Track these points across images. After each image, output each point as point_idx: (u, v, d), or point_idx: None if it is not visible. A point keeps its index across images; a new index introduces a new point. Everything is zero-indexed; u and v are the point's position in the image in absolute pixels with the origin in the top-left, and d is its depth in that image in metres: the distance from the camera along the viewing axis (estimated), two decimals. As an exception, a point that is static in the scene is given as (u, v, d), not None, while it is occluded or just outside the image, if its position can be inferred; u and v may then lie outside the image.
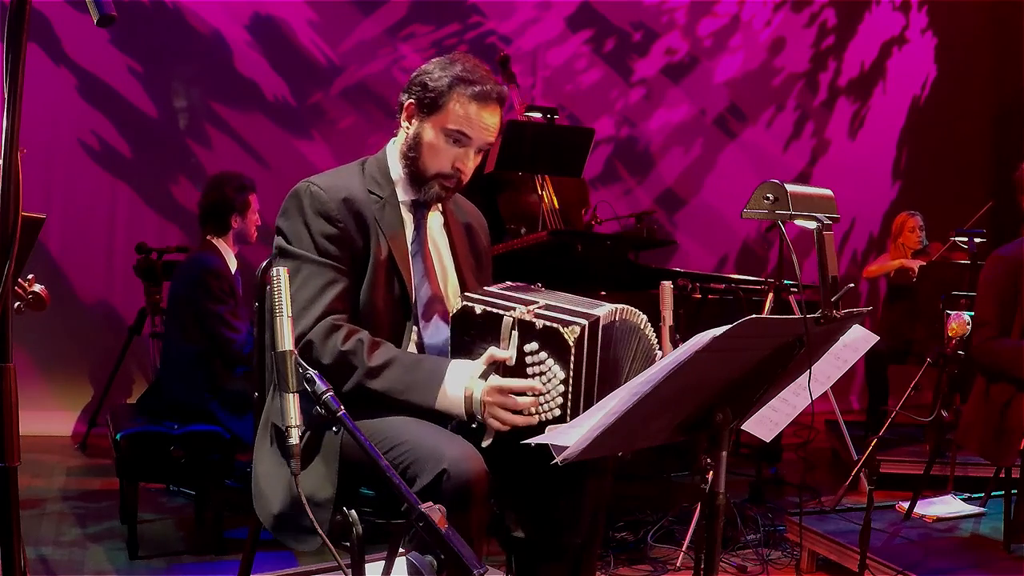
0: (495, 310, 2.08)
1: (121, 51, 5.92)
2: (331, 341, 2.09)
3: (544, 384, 2.03)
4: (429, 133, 2.24)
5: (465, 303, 2.12)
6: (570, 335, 2.00)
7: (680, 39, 7.35)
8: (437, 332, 2.25)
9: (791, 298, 4.26)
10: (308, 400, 1.79)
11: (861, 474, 3.89)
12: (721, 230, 7.35)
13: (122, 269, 5.79)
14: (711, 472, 1.84)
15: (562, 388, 2.02)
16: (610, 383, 2.12)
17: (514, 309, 2.06)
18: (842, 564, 3.39)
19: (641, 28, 7.24)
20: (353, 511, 2.04)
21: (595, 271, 4.19)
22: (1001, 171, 6.88)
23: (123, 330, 5.54)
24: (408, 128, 2.28)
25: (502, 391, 2.02)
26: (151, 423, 3.72)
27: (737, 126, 7.54)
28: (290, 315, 1.81)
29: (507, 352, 2.04)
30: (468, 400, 2.05)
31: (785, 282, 4.21)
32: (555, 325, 2.02)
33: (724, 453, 1.83)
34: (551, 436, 1.83)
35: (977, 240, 4.63)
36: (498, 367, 2.05)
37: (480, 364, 2.06)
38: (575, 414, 2.02)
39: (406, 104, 2.28)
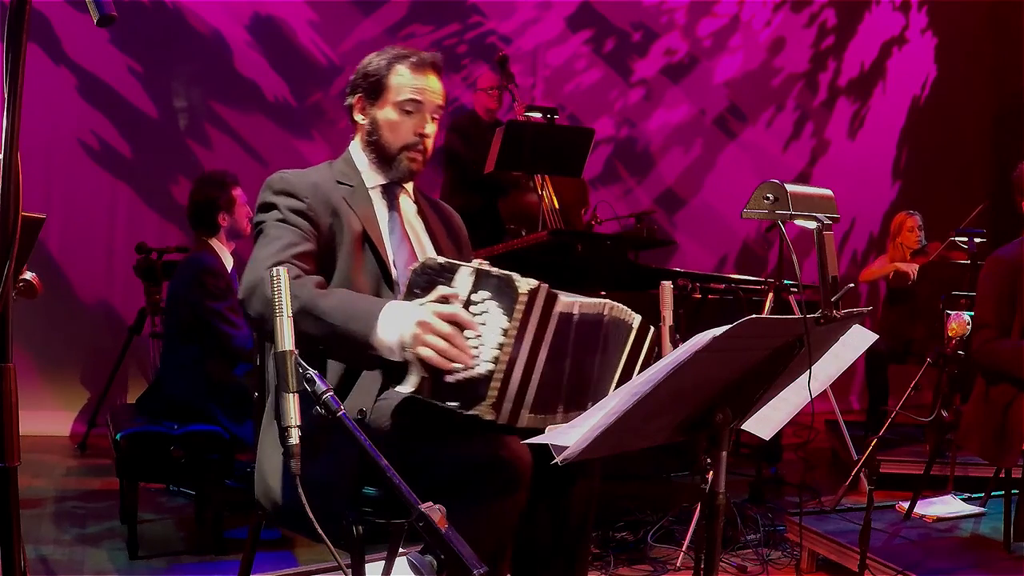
0: (456, 261, 2.00)
1: (121, 51, 5.92)
2: (278, 269, 2.05)
3: (483, 333, 1.90)
4: (382, 114, 2.32)
5: (428, 256, 2.08)
6: (524, 284, 1.89)
7: (680, 39, 7.35)
8: None
9: (791, 298, 4.26)
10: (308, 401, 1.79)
11: (861, 474, 3.89)
12: (721, 230, 7.35)
13: (122, 269, 5.79)
14: (711, 472, 1.84)
15: (500, 339, 1.89)
16: (571, 385, 2.05)
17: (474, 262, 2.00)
18: (842, 564, 3.39)
19: (641, 28, 7.24)
20: (353, 511, 2.04)
21: (595, 271, 4.20)
22: (1001, 171, 6.88)
23: (123, 330, 5.54)
24: (363, 120, 2.36)
25: (441, 315, 1.90)
26: (151, 423, 3.72)
27: (737, 126, 7.55)
28: (290, 315, 1.80)
29: (453, 289, 1.94)
30: (401, 326, 1.94)
31: (785, 282, 4.21)
32: (511, 274, 1.92)
33: (724, 453, 1.83)
34: (551, 436, 1.83)
35: (977, 240, 4.63)
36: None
37: (426, 299, 1.96)
38: (507, 378, 1.89)
39: (355, 100, 2.36)
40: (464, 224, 2.56)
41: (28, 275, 2.82)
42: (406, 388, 1.94)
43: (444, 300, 1.94)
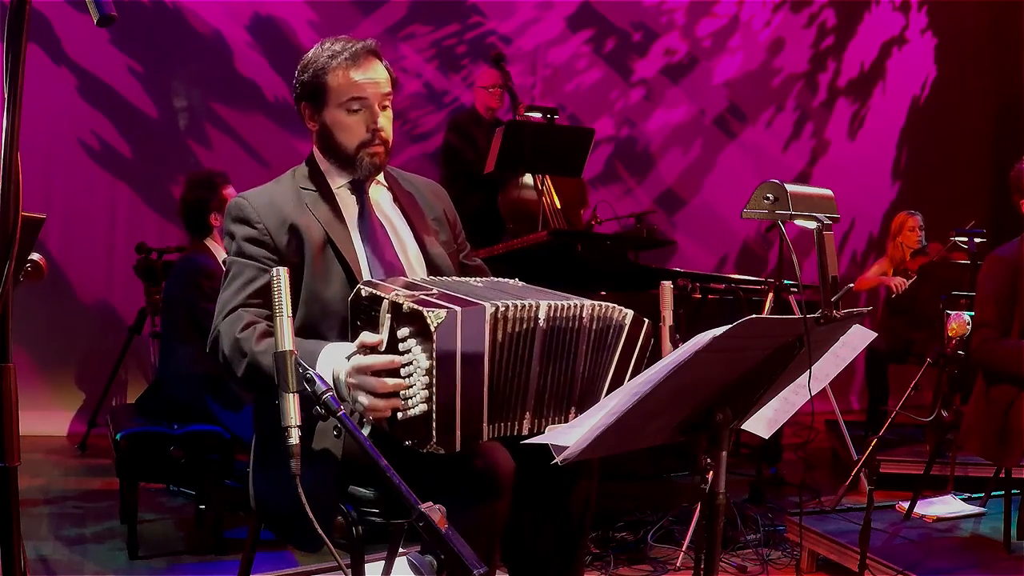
0: (378, 292, 1.94)
1: (121, 51, 5.92)
2: (233, 328, 2.10)
3: (410, 375, 1.87)
4: (330, 117, 2.28)
5: (358, 287, 2.02)
6: (434, 319, 1.82)
7: (680, 39, 7.35)
8: None
9: (791, 298, 4.26)
10: (308, 402, 1.79)
11: (861, 474, 3.89)
12: (721, 230, 7.35)
13: (122, 269, 5.79)
14: (711, 472, 1.84)
15: (426, 380, 1.86)
16: (543, 378, 2.02)
17: (396, 293, 1.91)
18: (842, 564, 3.39)
19: (641, 28, 7.24)
20: (353, 512, 2.04)
21: (595, 271, 4.20)
22: (1001, 171, 6.88)
23: (123, 330, 5.54)
24: (314, 127, 2.32)
25: (361, 370, 1.90)
26: (151, 423, 3.72)
27: (737, 126, 7.55)
28: (289, 315, 1.81)
29: (376, 336, 1.91)
30: (335, 383, 1.96)
31: (785, 282, 4.21)
32: (419, 308, 1.84)
33: (724, 453, 1.83)
34: (551, 436, 1.83)
35: (977, 240, 4.63)
36: (367, 352, 1.93)
37: (352, 347, 1.96)
38: (444, 413, 1.86)
39: (301, 108, 2.32)
40: (442, 189, 2.51)
41: (34, 256, 2.83)
42: (366, 431, 1.95)
43: (364, 345, 1.92)
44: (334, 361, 1.98)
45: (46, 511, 4.13)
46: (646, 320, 2.16)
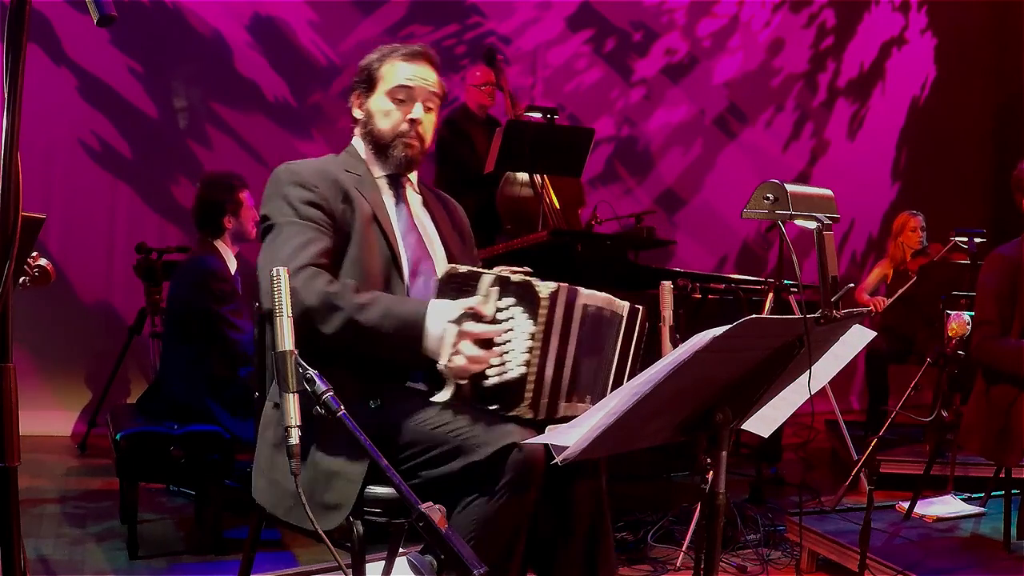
0: (478, 269, 2.12)
1: (121, 51, 5.92)
2: (315, 283, 2.09)
3: (513, 339, 2.04)
4: (376, 103, 2.37)
5: (451, 265, 2.18)
6: (544, 288, 2.02)
7: (680, 39, 7.35)
8: (425, 288, 2.27)
9: (791, 298, 4.26)
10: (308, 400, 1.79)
11: (861, 474, 3.89)
12: (721, 230, 7.35)
13: (122, 269, 5.79)
14: (711, 472, 1.84)
15: (529, 343, 2.02)
16: (591, 374, 2.14)
17: (494, 271, 2.10)
18: (842, 564, 3.39)
19: (641, 28, 7.24)
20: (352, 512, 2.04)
21: (595, 271, 4.20)
22: (1001, 172, 6.88)
23: (123, 330, 5.54)
24: (360, 113, 2.42)
25: (469, 335, 2.03)
26: (151, 423, 3.72)
27: (737, 126, 7.55)
28: (290, 315, 1.81)
29: (486, 307, 2.06)
30: (443, 332, 2.06)
31: (785, 282, 4.21)
32: (530, 279, 2.05)
33: (724, 453, 1.83)
34: (551, 436, 1.83)
35: (977, 240, 4.63)
36: (474, 318, 2.06)
37: (458, 306, 2.06)
38: (540, 380, 2.02)
39: (352, 98, 2.43)
40: (463, 211, 2.60)
41: (43, 261, 2.84)
42: (444, 396, 2.06)
43: (473, 313, 2.04)
44: (444, 314, 2.06)
45: (46, 511, 4.13)
46: (640, 307, 2.28)
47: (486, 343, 2.03)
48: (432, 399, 2.08)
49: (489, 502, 1.79)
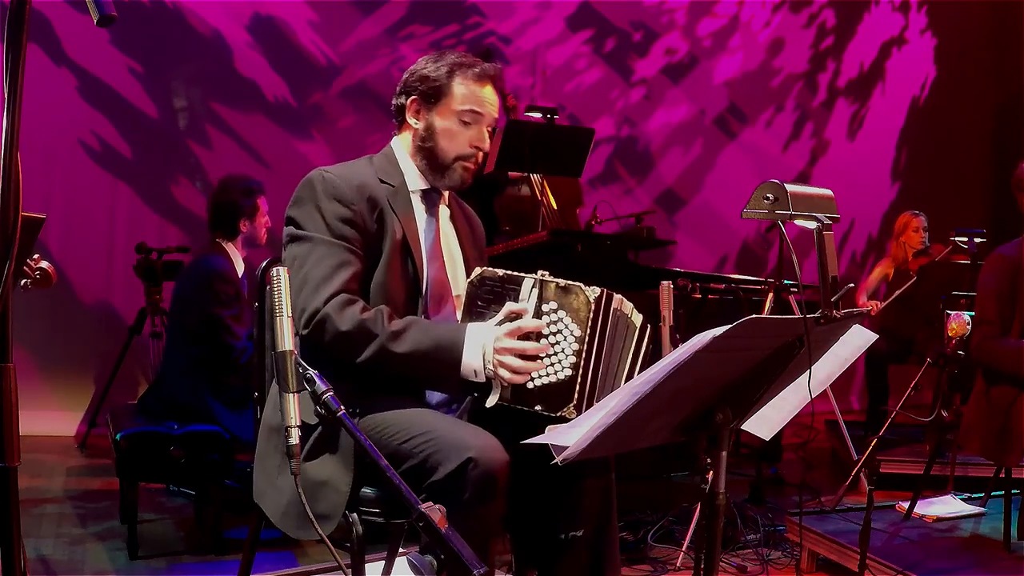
0: (516, 273, 2.13)
1: (121, 51, 5.92)
2: (349, 311, 2.09)
3: (559, 342, 2.07)
4: (440, 121, 2.29)
5: (484, 269, 2.17)
6: (591, 293, 2.06)
7: (680, 39, 7.35)
8: (445, 317, 2.27)
9: (791, 298, 4.26)
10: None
11: (861, 474, 3.89)
12: (721, 230, 7.35)
13: (122, 269, 5.79)
14: (711, 472, 1.84)
15: (576, 347, 2.06)
16: (610, 369, 2.16)
17: (535, 272, 2.12)
18: (842, 564, 3.39)
19: (641, 28, 7.24)
20: (353, 512, 2.04)
21: (595, 271, 4.19)
22: (1000, 172, 6.89)
23: (123, 330, 5.54)
24: (417, 123, 2.32)
25: (513, 334, 2.06)
26: (151, 423, 3.72)
27: (737, 126, 7.55)
28: (290, 315, 1.81)
29: (522, 305, 2.08)
30: (484, 349, 2.07)
31: (785, 282, 4.21)
32: (577, 283, 2.08)
33: (724, 453, 1.83)
34: (551, 436, 1.83)
35: (977, 240, 4.63)
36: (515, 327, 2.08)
37: (497, 318, 2.09)
38: (585, 381, 2.06)
39: (409, 102, 2.32)
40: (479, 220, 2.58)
41: (44, 264, 2.84)
42: (492, 401, 2.09)
43: (514, 315, 2.07)
44: (482, 334, 2.08)
45: (46, 511, 4.13)
46: (648, 325, 2.28)
47: (529, 352, 2.07)
48: (484, 404, 2.11)
49: (454, 516, 1.80)
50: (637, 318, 2.22)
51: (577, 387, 2.07)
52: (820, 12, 7.74)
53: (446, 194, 2.40)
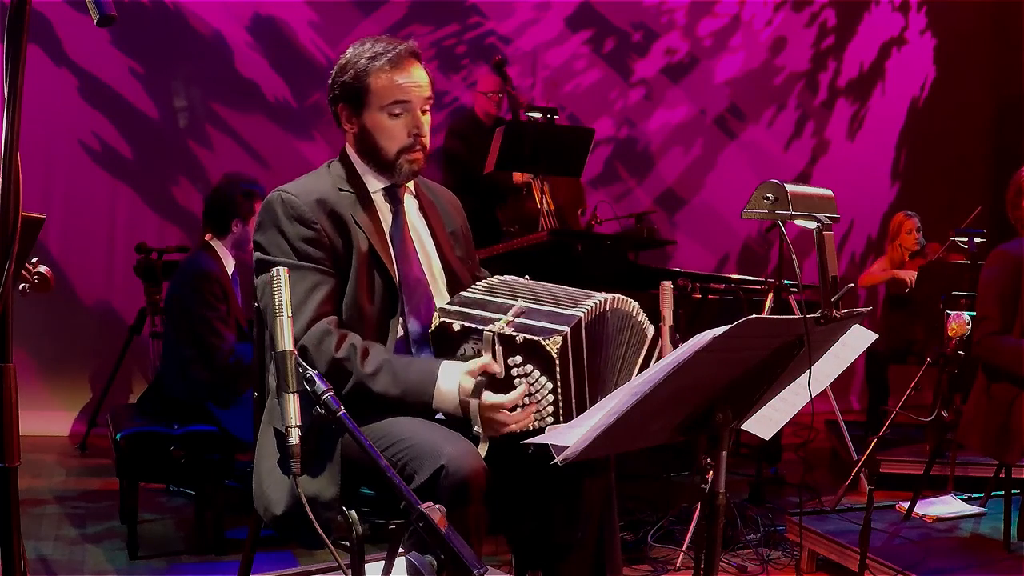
0: (474, 325, 2.09)
1: (122, 52, 5.92)
2: (324, 347, 2.09)
3: (534, 394, 2.06)
4: (371, 120, 2.24)
5: (442, 319, 2.13)
6: (552, 347, 2.01)
7: (680, 39, 7.35)
8: (426, 310, 2.26)
9: (791, 298, 4.26)
10: (308, 401, 1.79)
11: (861, 474, 3.89)
12: (721, 230, 7.35)
13: (122, 269, 5.79)
14: (711, 472, 1.84)
15: (551, 397, 2.06)
16: (603, 377, 2.15)
17: (493, 323, 2.07)
18: (842, 564, 3.39)
19: (641, 28, 7.24)
20: (353, 511, 2.05)
21: (595, 271, 4.20)
22: (1000, 173, 6.88)
23: (123, 330, 5.54)
24: (352, 129, 2.28)
25: (495, 407, 2.05)
26: (151, 423, 3.72)
27: (737, 126, 7.54)
28: (290, 315, 1.81)
29: (497, 367, 2.06)
30: (463, 406, 2.08)
31: (785, 282, 4.21)
32: (536, 338, 2.02)
33: (724, 453, 1.83)
34: (551, 436, 1.83)
35: (977, 240, 4.63)
36: (487, 377, 2.07)
37: (470, 366, 2.07)
38: (568, 416, 2.06)
39: (339, 109, 2.28)
40: (456, 198, 2.53)
41: (42, 268, 2.84)
42: (483, 451, 2.08)
43: (485, 371, 2.06)
44: (455, 377, 2.08)
45: (46, 511, 4.13)
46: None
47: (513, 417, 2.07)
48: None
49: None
50: (632, 305, 2.22)
51: (560, 422, 2.07)
52: (821, 11, 7.74)
53: (410, 185, 2.37)
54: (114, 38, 5.85)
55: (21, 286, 2.79)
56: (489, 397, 2.05)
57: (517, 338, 2.04)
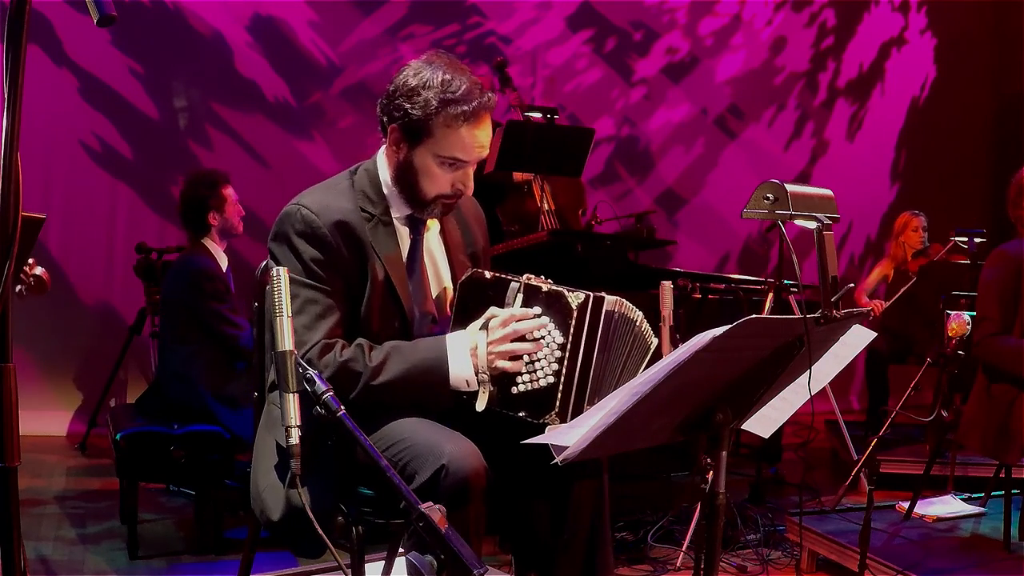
0: (504, 275, 2.12)
1: (122, 52, 5.92)
2: (329, 356, 2.07)
3: (543, 347, 2.06)
4: (421, 160, 2.13)
5: (475, 269, 2.17)
6: (574, 300, 2.05)
7: (681, 39, 7.35)
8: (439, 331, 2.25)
9: (791, 298, 4.26)
10: (307, 403, 1.79)
11: (861, 474, 3.89)
12: (721, 230, 7.35)
13: (122, 269, 5.79)
14: (711, 472, 1.84)
15: (559, 354, 2.05)
16: (604, 378, 2.14)
17: (522, 276, 2.11)
18: (842, 564, 3.39)
19: (641, 28, 7.24)
20: (353, 511, 2.05)
21: (595, 271, 4.20)
22: (1000, 172, 6.88)
23: (123, 330, 5.54)
24: (396, 154, 2.16)
25: (505, 323, 2.05)
26: (151, 423, 3.72)
27: (737, 125, 7.54)
28: (290, 315, 1.81)
29: (510, 311, 2.07)
30: (473, 353, 2.06)
31: (785, 282, 4.21)
32: (560, 289, 2.07)
33: (724, 453, 1.83)
34: (551, 436, 1.83)
35: (977, 240, 4.63)
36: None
37: (478, 323, 2.08)
38: (569, 388, 2.05)
39: (390, 128, 2.14)
40: (483, 214, 2.47)
41: (39, 270, 2.83)
42: (480, 407, 2.08)
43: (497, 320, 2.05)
44: (465, 339, 2.08)
45: (46, 511, 4.13)
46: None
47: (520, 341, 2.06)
48: (474, 408, 2.09)
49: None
50: (637, 314, 2.20)
51: (559, 394, 2.05)
52: (821, 11, 7.74)
53: None
54: (114, 38, 5.85)
55: (18, 288, 2.79)
56: (505, 313, 2.05)
57: (543, 288, 2.07)
